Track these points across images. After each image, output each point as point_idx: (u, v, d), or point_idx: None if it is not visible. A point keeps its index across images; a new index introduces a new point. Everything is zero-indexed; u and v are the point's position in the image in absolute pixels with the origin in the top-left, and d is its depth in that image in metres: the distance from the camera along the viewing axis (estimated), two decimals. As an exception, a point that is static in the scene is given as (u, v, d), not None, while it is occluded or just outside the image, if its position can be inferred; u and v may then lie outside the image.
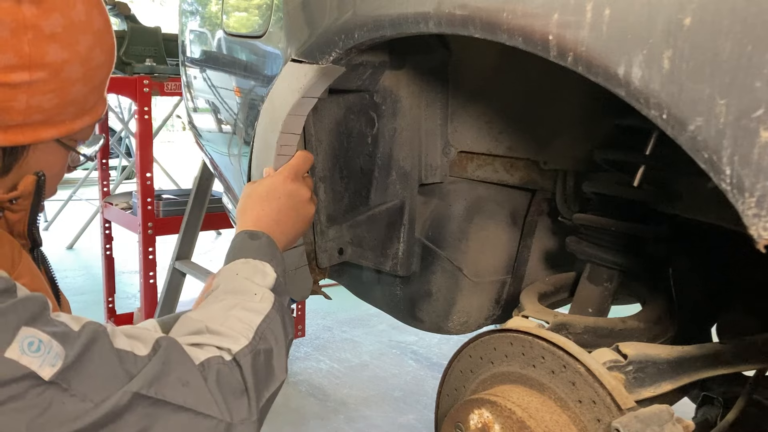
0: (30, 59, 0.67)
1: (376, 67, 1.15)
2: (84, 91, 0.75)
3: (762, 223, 0.51)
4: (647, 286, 1.20)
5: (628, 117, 0.98)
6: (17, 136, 0.70)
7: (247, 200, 0.98)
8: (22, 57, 0.66)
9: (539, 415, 0.82)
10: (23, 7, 0.65)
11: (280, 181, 1.01)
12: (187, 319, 0.76)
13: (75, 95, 0.74)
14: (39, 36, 0.67)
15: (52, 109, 0.71)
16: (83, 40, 0.72)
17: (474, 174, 1.34)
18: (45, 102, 0.70)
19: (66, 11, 0.70)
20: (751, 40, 0.50)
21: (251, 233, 0.91)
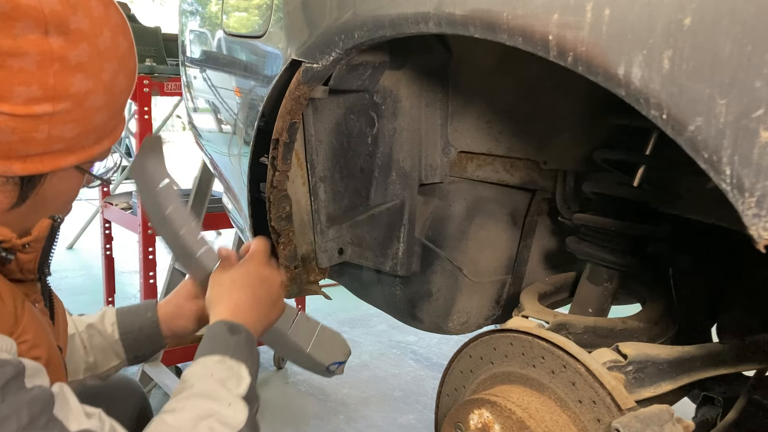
0: (54, 91, 0.66)
1: (376, 67, 1.15)
2: (105, 117, 0.74)
3: (762, 223, 0.51)
4: (647, 286, 1.20)
5: (627, 117, 0.98)
6: (36, 165, 0.68)
7: (221, 288, 0.95)
8: (47, 89, 0.65)
9: (539, 415, 0.82)
10: (50, 39, 0.64)
11: (254, 268, 0.99)
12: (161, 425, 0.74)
13: (97, 122, 0.72)
14: (65, 67, 0.66)
15: (74, 138, 0.70)
16: (108, 68, 0.71)
17: (474, 174, 1.34)
18: (67, 131, 0.69)
19: (93, 40, 0.68)
20: (751, 40, 0.50)
21: (231, 326, 0.88)
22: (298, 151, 1.28)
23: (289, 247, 1.31)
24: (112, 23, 0.72)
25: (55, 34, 0.64)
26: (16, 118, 0.64)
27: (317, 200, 1.30)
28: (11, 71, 0.62)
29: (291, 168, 1.24)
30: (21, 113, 0.64)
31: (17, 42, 0.62)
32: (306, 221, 1.35)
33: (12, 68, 0.62)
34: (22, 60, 0.63)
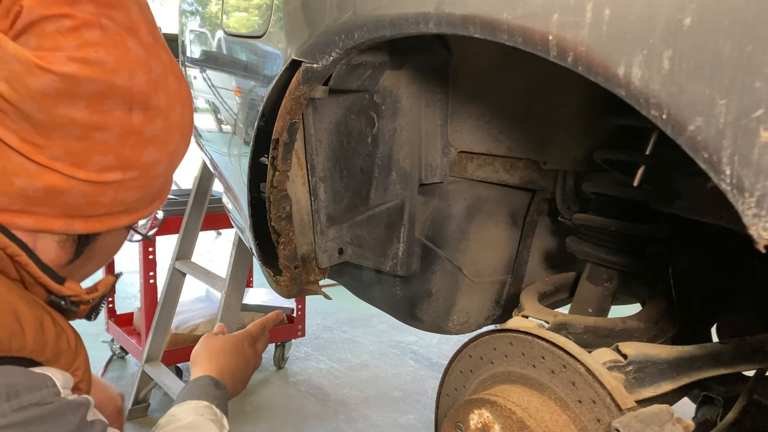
0: (127, 161, 0.70)
1: (376, 67, 1.15)
2: (162, 182, 0.79)
3: (762, 223, 0.51)
4: (647, 286, 1.20)
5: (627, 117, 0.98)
6: (96, 224, 0.73)
7: (212, 350, 1.09)
8: (121, 160, 0.69)
9: (539, 415, 0.82)
10: (133, 115, 0.68)
11: (243, 344, 1.14)
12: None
13: (155, 188, 0.78)
14: (140, 140, 0.70)
15: (133, 202, 0.75)
16: (174, 140, 0.76)
17: (474, 174, 1.34)
18: (129, 196, 0.74)
19: (167, 114, 0.73)
20: (751, 40, 0.50)
21: (216, 382, 1.02)
22: (298, 151, 1.28)
23: (289, 247, 1.31)
24: (183, 97, 0.77)
25: (138, 110, 0.69)
26: (88, 184, 0.68)
27: (317, 200, 1.30)
28: (93, 142, 0.67)
29: (291, 168, 1.24)
30: (94, 180, 0.68)
31: (104, 117, 0.66)
32: (306, 221, 1.35)
33: (94, 140, 0.67)
34: (105, 133, 0.67)
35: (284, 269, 1.34)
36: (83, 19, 0.64)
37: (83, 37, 0.63)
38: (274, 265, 1.34)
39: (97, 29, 0.64)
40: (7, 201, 0.66)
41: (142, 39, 0.70)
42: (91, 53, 0.63)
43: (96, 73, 0.64)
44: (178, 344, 3.03)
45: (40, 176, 0.65)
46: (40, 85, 0.61)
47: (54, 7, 0.62)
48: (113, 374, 3.22)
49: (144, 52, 0.69)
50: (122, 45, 0.66)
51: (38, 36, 0.62)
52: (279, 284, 1.35)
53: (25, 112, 0.62)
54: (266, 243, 1.34)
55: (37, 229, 0.69)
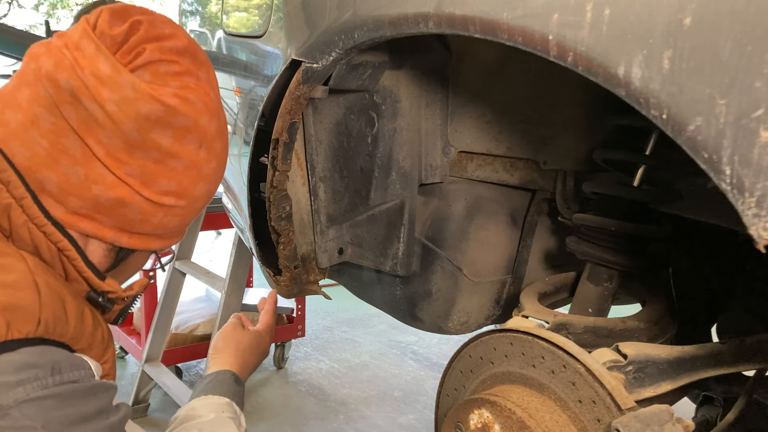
0: (184, 190, 0.82)
1: (376, 67, 1.15)
2: (194, 216, 0.90)
3: (762, 223, 0.51)
4: (647, 286, 1.20)
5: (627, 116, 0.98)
6: (137, 241, 0.83)
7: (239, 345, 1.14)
8: (180, 187, 0.81)
9: (539, 415, 0.82)
10: (201, 151, 0.82)
11: (267, 342, 1.20)
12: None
13: (189, 220, 0.89)
14: (198, 175, 0.83)
15: (171, 228, 0.86)
16: (216, 181, 0.88)
17: (474, 174, 1.34)
18: (171, 222, 0.84)
19: (220, 159, 0.87)
20: (751, 40, 0.50)
21: (237, 378, 1.08)
22: (298, 151, 1.28)
23: (289, 247, 1.31)
24: (227, 150, 0.91)
25: (205, 149, 0.82)
26: (148, 202, 0.79)
27: (317, 200, 1.30)
28: (166, 167, 0.79)
29: (291, 168, 1.24)
30: (154, 200, 0.80)
31: (182, 149, 0.79)
32: (306, 221, 1.35)
33: (167, 165, 0.79)
34: (177, 162, 0.79)
35: (284, 269, 1.34)
36: (186, 67, 0.80)
37: (185, 81, 0.79)
38: (274, 265, 1.34)
39: (194, 78, 0.80)
40: (80, 204, 0.77)
41: (217, 95, 0.86)
42: (189, 95, 0.78)
43: (189, 111, 0.78)
44: (178, 344, 3.03)
45: (115, 188, 0.77)
46: (147, 109, 0.74)
47: (168, 54, 0.78)
48: (113, 374, 3.22)
49: (218, 105, 0.85)
50: (208, 95, 0.82)
51: (153, 73, 0.77)
52: (279, 284, 1.35)
53: (124, 130, 0.74)
54: (266, 243, 1.34)
55: (92, 234, 0.79)
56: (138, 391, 2.86)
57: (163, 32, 0.79)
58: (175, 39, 0.80)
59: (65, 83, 0.73)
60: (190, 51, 0.81)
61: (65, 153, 0.74)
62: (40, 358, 0.66)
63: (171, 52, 0.78)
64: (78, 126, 0.74)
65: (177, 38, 0.80)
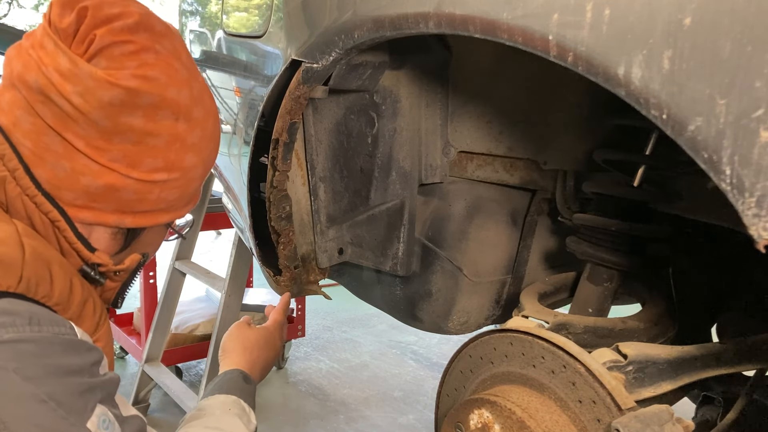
0: (172, 164, 0.82)
1: (376, 67, 1.15)
2: (198, 185, 0.92)
3: (762, 223, 0.51)
4: (647, 286, 1.20)
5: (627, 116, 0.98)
6: (142, 220, 0.85)
7: (246, 342, 1.14)
8: (167, 162, 0.82)
9: (539, 415, 0.82)
10: (179, 124, 0.82)
11: (276, 337, 1.20)
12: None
13: (191, 190, 0.90)
14: (183, 146, 0.83)
15: (174, 201, 0.87)
16: (208, 147, 0.89)
17: (474, 174, 1.34)
18: (171, 195, 0.86)
19: (203, 125, 0.86)
20: (751, 40, 0.50)
21: (245, 376, 1.07)
22: (298, 151, 1.28)
23: (289, 247, 1.31)
24: (214, 113, 0.91)
25: (183, 120, 0.82)
26: (139, 182, 0.80)
27: (317, 200, 1.30)
28: (146, 147, 0.79)
29: (291, 168, 1.24)
30: (144, 179, 0.81)
31: (156, 125, 0.79)
32: (306, 221, 1.35)
33: (147, 144, 0.79)
34: (156, 139, 0.80)
35: (284, 269, 1.34)
36: (142, 44, 0.78)
37: (142, 59, 0.78)
38: (274, 265, 1.34)
39: (152, 53, 0.79)
40: (73, 197, 0.78)
41: (184, 63, 0.84)
42: (149, 71, 0.78)
43: (152, 88, 0.77)
44: (178, 344, 3.03)
45: (102, 175, 0.78)
46: (109, 96, 0.75)
47: (120, 35, 0.77)
48: (113, 374, 3.22)
49: (186, 73, 0.83)
50: (171, 66, 0.81)
51: (107, 58, 0.76)
52: (279, 284, 1.35)
53: (94, 119, 0.75)
54: (266, 243, 1.34)
55: (94, 221, 0.81)
56: (138, 391, 2.86)
57: (111, 13, 0.78)
58: (125, 17, 0.79)
59: (34, 83, 0.75)
60: (144, 25, 0.80)
61: (48, 150, 0.76)
62: (19, 307, 0.66)
63: (122, 32, 0.77)
64: (54, 123, 0.75)
65: (126, 16, 0.79)
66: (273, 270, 1.36)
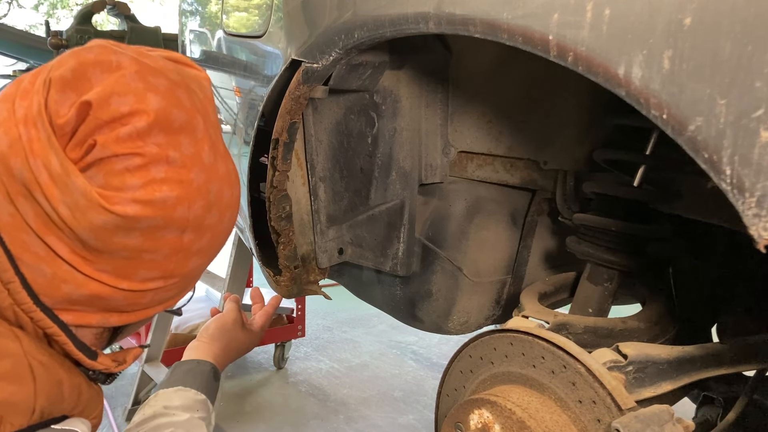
0: (171, 272, 0.73)
1: (376, 67, 1.15)
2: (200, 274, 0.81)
3: (762, 223, 0.51)
4: (647, 286, 1.20)
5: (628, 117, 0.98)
6: (131, 317, 0.75)
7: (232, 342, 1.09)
8: (165, 272, 0.72)
9: (539, 415, 0.82)
10: (184, 236, 0.71)
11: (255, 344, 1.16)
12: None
13: (193, 281, 0.81)
14: (187, 255, 0.73)
15: (172, 296, 0.78)
16: (220, 243, 0.79)
17: (474, 174, 1.34)
18: (166, 296, 0.77)
19: (216, 228, 0.75)
20: (751, 40, 0.50)
21: (216, 373, 1.02)
22: (298, 151, 1.28)
23: (289, 247, 1.31)
24: (233, 203, 0.78)
25: (190, 232, 0.71)
26: (129, 293, 0.71)
27: (317, 200, 1.30)
28: (142, 261, 0.69)
29: (291, 168, 1.24)
30: (136, 289, 0.71)
31: (157, 243, 0.69)
32: (306, 221, 1.35)
33: (143, 259, 0.69)
34: (155, 254, 0.70)
35: (284, 269, 1.34)
36: (152, 155, 0.66)
37: (150, 174, 0.66)
38: (274, 265, 1.34)
39: (163, 164, 0.67)
40: (53, 302, 0.68)
41: (204, 162, 0.71)
42: (156, 193, 0.66)
43: (157, 212, 0.66)
44: (178, 344, 3.03)
45: (86, 285, 0.68)
46: (100, 221, 0.64)
47: (126, 145, 0.64)
48: (113, 374, 3.22)
49: (204, 178, 0.71)
50: (185, 177, 0.69)
51: (106, 173, 0.65)
52: (279, 284, 1.35)
53: (81, 237, 0.65)
54: (266, 243, 1.34)
55: (76, 324, 0.71)
56: (138, 391, 2.86)
57: (119, 112, 0.64)
58: (135, 119, 0.65)
59: (18, 173, 0.63)
60: (159, 125, 0.66)
61: (27, 250, 0.65)
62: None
63: (129, 139, 0.64)
64: (35, 224, 0.64)
65: (137, 116, 0.65)
66: (273, 270, 1.36)
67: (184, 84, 0.71)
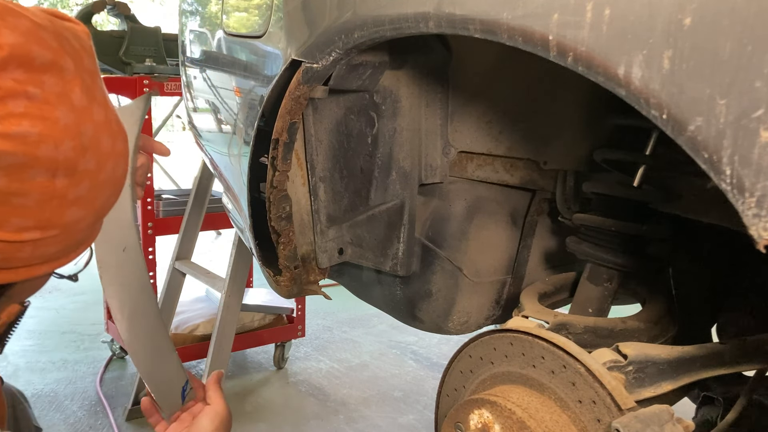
0: (47, 222, 0.66)
1: (376, 67, 1.15)
2: (89, 231, 0.75)
3: (762, 224, 0.51)
4: (647, 286, 1.20)
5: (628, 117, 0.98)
6: (11, 275, 0.69)
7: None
8: (40, 221, 0.66)
9: (539, 415, 0.82)
10: (56, 180, 0.65)
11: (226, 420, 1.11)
12: None
13: (78, 239, 0.74)
14: (62, 203, 0.67)
15: (54, 253, 0.72)
16: (102, 196, 0.72)
17: (474, 174, 1.34)
18: (49, 250, 0.70)
19: (95, 175, 0.69)
20: (751, 40, 0.50)
21: None
22: (298, 151, 1.28)
23: (289, 247, 1.31)
24: (116, 153, 0.72)
25: (62, 176, 0.65)
26: (4, 243, 0.65)
27: (317, 200, 1.30)
28: (11, 206, 0.63)
29: (291, 168, 1.24)
30: (10, 239, 0.65)
31: (24, 185, 0.63)
32: (306, 221, 1.35)
33: (12, 204, 0.63)
34: (24, 199, 0.63)
35: (284, 269, 1.34)
36: (8, 89, 0.60)
37: (7, 108, 0.60)
38: (274, 265, 1.34)
39: (22, 99, 0.61)
40: None
41: (75, 103, 0.66)
42: (14, 127, 0.60)
43: (17, 147, 0.60)
44: (178, 344, 3.02)
45: None
46: None
47: None
48: (113, 374, 3.22)
49: (74, 118, 0.65)
50: (50, 115, 0.63)
51: None
52: (279, 284, 1.35)
53: None
54: (266, 243, 1.34)
55: None
56: (138, 391, 2.86)
57: None
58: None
59: None
60: (17, 59, 0.61)
61: None
62: None
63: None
64: None
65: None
66: (273, 270, 1.36)
67: (53, 29, 0.66)
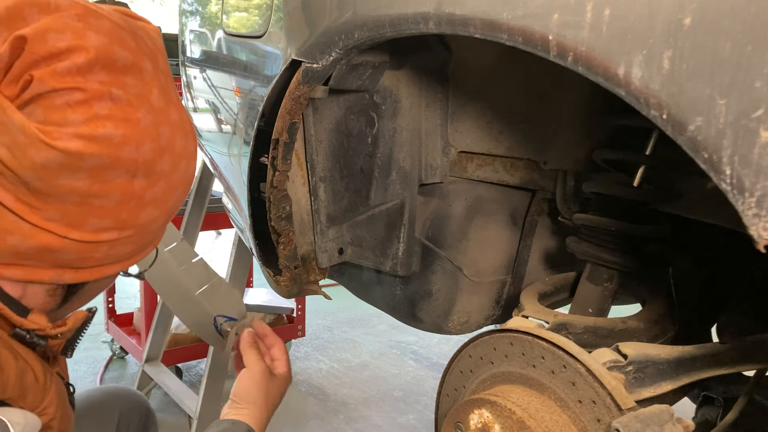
0: (124, 222, 0.69)
1: (376, 67, 1.15)
2: (160, 232, 0.78)
3: (762, 223, 0.51)
4: (647, 286, 1.20)
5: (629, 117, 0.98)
6: (86, 275, 0.71)
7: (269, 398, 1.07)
8: (118, 221, 0.68)
9: (539, 415, 0.82)
10: (135, 181, 0.67)
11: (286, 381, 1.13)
12: None
13: (151, 238, 0.77)
14: (140, 203, 0.69)
15: (128, 253, 0.74)
16: (174, 196, 0.74)
17: (474, 174, 1.34)
18: (123, 250, 0.73)
19: (171, 176, 0.71)
20: (751, 40, 0.50)
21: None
22: (298, 151, 1.28)
23: (289, 247, 1.31)
24: (188, 154, 0.75)
25: (141, 177, 0.67)
26: (82, 243, 0.67)
27: (317, 200, 1.30)
28: (91, 207, 0.65)
29: (291, 168, 1.24)
30: (88, 240, 0.67)
31: (105, 186, 0.65)
32: (306, 221, 1.35)
33: (92, 205, 0.65)
34: (105, 199, 0.66)
35: (284, 269, 1.34)
36: (94, 91, 0.62)
37: (93, 110, 0.62)
38: (274, 265, 1.34)
39: (107, 101, 0.63)
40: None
41: (153, 104, 0.68)
42: (99, 129, 0.62)
43: (101, 149, 0.62)
44: (178, 344, 3.03)
45: (34, 236, 0.64)
46: (42, 159, 0.60)
47: (65, 80, 0.60)
48: (113, 374, 3.22)
49: (153, 120, 0.67)
50: (132, 116, 0.65)
51: (46, 108, 0.60)
52: (279, 284, 1.35)
53: (24, 179, 0.61)
54: (266, 243, 1.34)
55: (26, 279, 0.68)
56: (138, 390, 2.86)
57: (57, 47, 0.60)
58: (75, 54, 0.61)
59: None
60: (101, 62, 0.62)
61: None
62: None
63: (69, 74, 0.60)
64: None
65: (77, 52, 0.61)
66: (273, 270, 1.36)
67: (130, 29, 0.67)
